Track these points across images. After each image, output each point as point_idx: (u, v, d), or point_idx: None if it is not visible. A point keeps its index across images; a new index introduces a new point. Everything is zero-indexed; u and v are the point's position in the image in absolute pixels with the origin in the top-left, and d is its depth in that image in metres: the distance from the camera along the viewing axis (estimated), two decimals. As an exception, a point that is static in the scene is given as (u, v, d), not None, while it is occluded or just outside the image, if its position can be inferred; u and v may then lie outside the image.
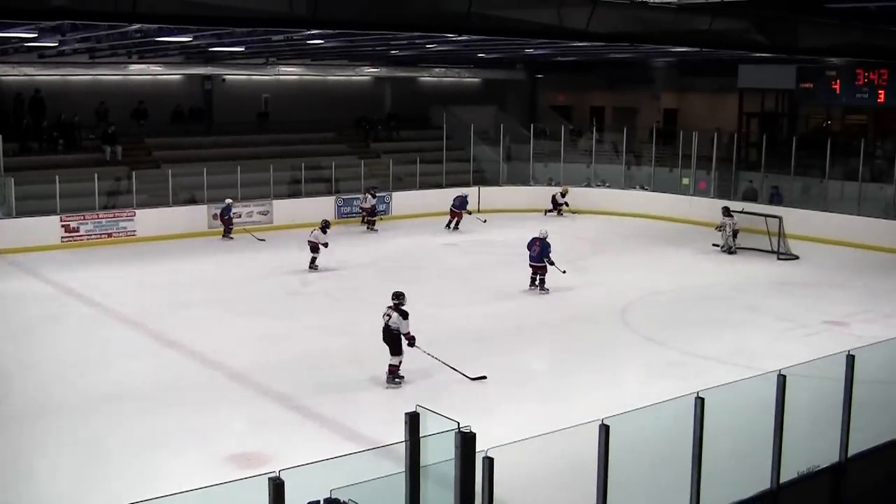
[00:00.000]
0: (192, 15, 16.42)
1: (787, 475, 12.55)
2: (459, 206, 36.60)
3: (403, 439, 10.06)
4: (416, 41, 30.48)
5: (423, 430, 10.06)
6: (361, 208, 37.45)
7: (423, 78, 49.75)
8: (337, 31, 23.51)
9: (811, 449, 13.41)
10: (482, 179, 42.59)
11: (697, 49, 28.66)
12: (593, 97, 54.44)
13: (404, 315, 18.20)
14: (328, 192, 38.30)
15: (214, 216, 34.49)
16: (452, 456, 9.66)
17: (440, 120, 44.09)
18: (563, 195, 40.30)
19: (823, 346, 18.81)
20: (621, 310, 24.58)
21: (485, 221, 36.73)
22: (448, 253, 30.82)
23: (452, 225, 36.48)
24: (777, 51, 23.70)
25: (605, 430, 10.32)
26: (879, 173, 38.08)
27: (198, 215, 34.88)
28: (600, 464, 10.43)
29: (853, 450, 13.46)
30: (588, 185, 42.09)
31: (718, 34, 19.51)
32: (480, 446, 9.61)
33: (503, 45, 33.41)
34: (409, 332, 18.15)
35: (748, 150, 43.72)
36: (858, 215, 34.58)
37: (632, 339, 22.39)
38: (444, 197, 38.45)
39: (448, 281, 27.98)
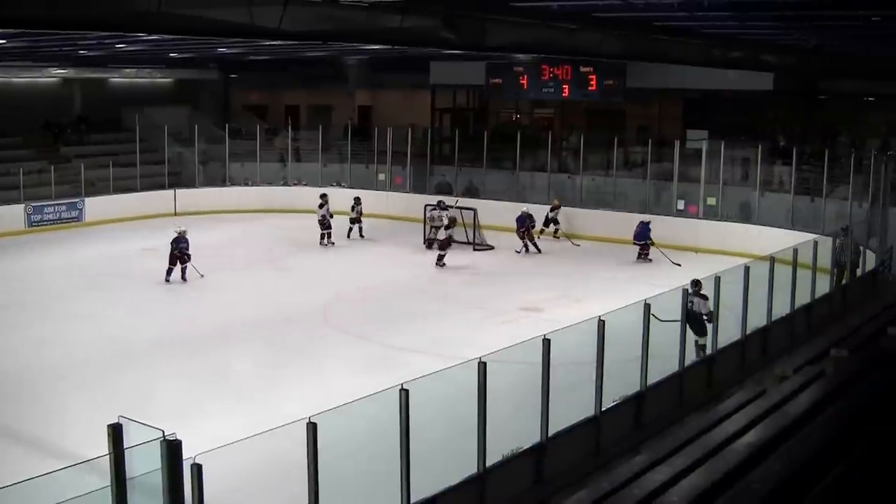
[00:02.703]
0: None
1: (493, 458, 12.94)
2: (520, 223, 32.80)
3: (107, 452, 9.79)
4: (105, 41, 29.60)
5: (129, 441, 9.81)
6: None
7: (113, 79, 48.27)
8: (19, 29, 22.56)
9: (514, 432, 13.88)
10: (178, 181, 41.77)
11: (390, 47, 29.03)
12: (288, 96, 54.32)
13: (705, 297, 19.29)
14: (17, 200, 36.54)
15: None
16: (159, 465, 9.48)
17: (133, 122, 42.75)
18: (553, 210, 34.90)
19: (521, 331, 19.26)
20: (324, 307, 24.67)
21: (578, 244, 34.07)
22: (149, 258, 30.09)
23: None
24: (466, 48, 24.31)
25: (312, 427, 10.36)
26: (567, 164, 39.78)
27: None
28: (310, 461, 10.46)
29: (553, 429, 14.02)
30: (285, 184, 42.02)
31: (409, 32, 19.78)
32: (188, 453, 9.46)
33: (195, 45, 32.90)
34: (710, 311, 19.11)
35: (442, 145, 44.71)
36: (549, 204, 35.94)
37: (335, 336, 22.52)
38: (140, 200, 37.71)
39: (150, 287, 27.23)
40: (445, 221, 32.59)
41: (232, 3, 16.98)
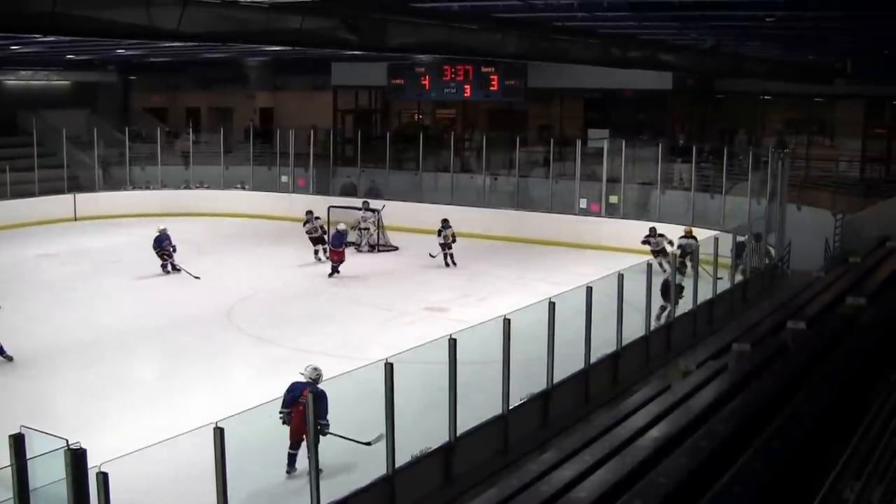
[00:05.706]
0: None
1: (402, 459, 12.94)
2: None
3: (9, 464, 9.60)
4: (-2, 42, 29.05)
5: (31, 452, 9.62)
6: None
7: (9, 81, 47.25)
8: None
9: (423, 432, 13.90)
10: (77, 186, 41.03)
11: (290, 48, 28.87)
12: (188, 98, 53.68)
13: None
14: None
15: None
16: (63, 476, 9.32)
17: (29, 125, 41.95)
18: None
19: (426, 332, 19.34)
20: (227, 311, 24.45)
21: None
22: (46, 264, 29.57)
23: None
24: (367, 49, 24.13)
25: (219, 433, 10.26)
26: (469, 164, 39.94)
27: None
28: (218, 467, 10.36)
29: (461, 428, 14.06)
30: (187, 187, 41.57)
31: (310, 33, 19.64)
32: (94, 462, 9.31)
33: (93, 46, 32.36)
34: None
35: (344, 147, 44.66)
36: (452, 204, 36.03)
37: (240, 340, 22.31)
38: (38, 205, 37.05)
39: (45, 294, 26.66)
40: (371, 227, 32.54)
41: (130, 3, 16.74)
